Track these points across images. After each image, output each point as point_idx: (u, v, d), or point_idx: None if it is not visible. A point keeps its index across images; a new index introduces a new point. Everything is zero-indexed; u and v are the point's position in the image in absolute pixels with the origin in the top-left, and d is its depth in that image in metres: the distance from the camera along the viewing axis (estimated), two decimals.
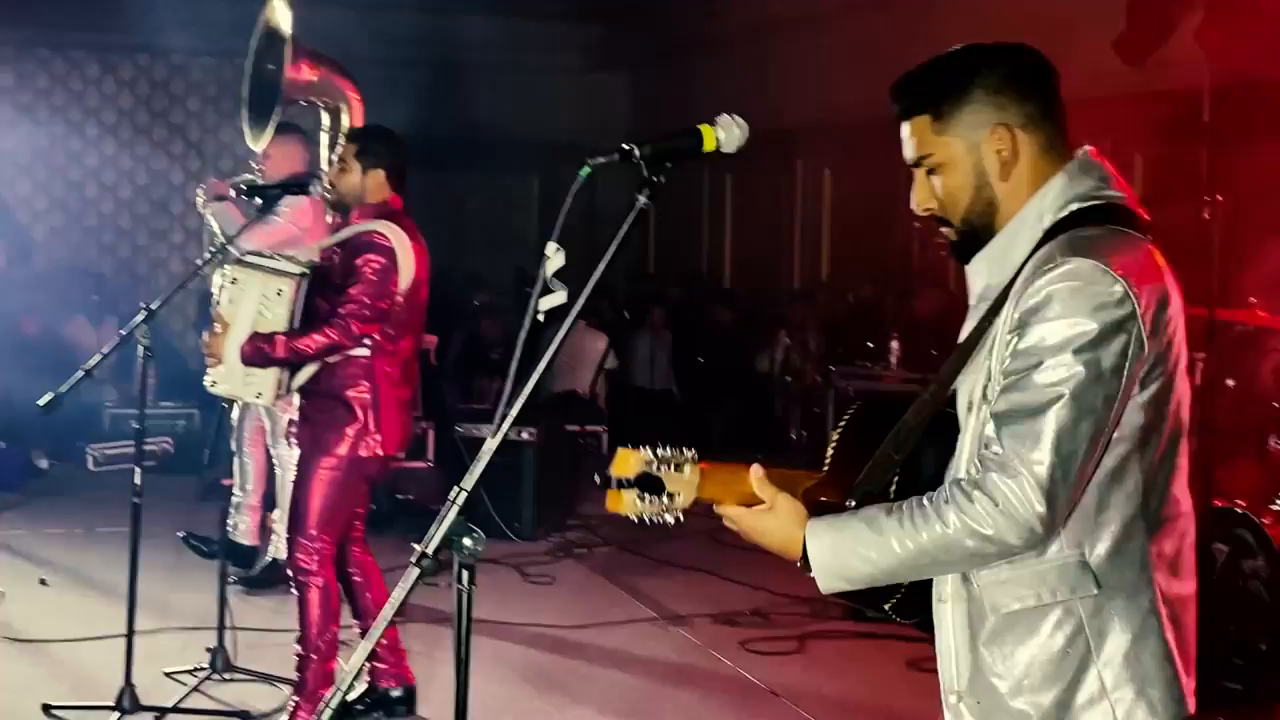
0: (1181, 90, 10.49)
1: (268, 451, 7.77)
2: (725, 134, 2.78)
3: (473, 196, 18.11)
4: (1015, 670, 2.52)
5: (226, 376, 5.48)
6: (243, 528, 7.83)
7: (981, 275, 2.65)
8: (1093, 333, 2.39)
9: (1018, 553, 2.45)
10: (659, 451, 2.73)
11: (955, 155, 2.60)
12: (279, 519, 7.73)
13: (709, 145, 2.78)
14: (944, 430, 2.65)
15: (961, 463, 2.60)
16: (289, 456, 7.53)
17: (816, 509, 2.59)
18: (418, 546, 2.69)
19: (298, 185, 5.85)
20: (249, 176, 7.48)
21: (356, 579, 5.77)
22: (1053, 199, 2.58)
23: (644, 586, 8.26)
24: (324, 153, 7.81)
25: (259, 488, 7.93)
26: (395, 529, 8.63)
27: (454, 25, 15.51)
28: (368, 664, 5.85)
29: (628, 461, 2.73)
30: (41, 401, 5.29)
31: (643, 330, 14.36)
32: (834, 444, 2.77)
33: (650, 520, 2.71)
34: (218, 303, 5.54)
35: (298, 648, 5.50)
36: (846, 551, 2.51)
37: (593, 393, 12.82)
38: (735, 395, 14.12)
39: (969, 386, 2.60)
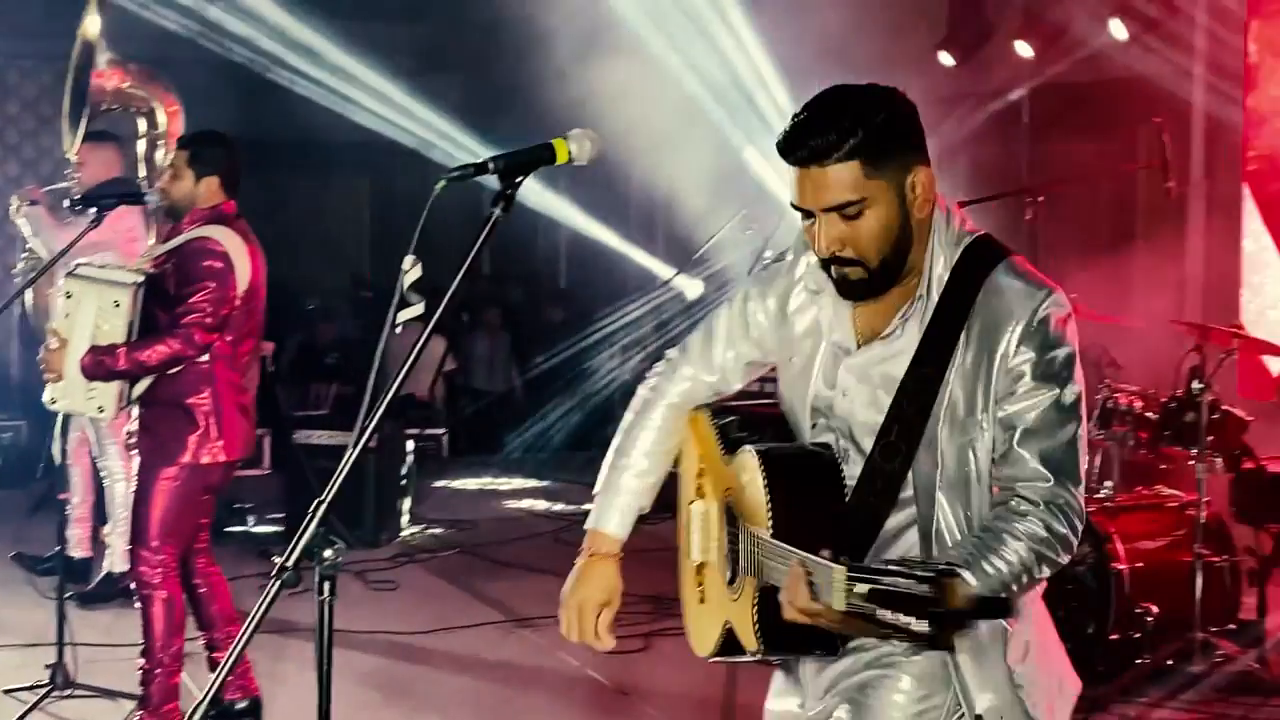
0: (1002, 93, 10.82)
1: (94, 462, 7.65)
2: (578, 146, 2.85)
3: (302, 200, 17.89)
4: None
5: (67, 392, 5.40)
6: (73, 540, 7.70)
7: (873, 308, 2.79)
8: (1075, 353, 2.71)
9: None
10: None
11: (885, 197, 2.66)
12: (109, 532, 7.63)
13: (562, 158, 2.84)
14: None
15: (950, 466, 2.72)
16: (116, 468, 7.44)
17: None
18: (278, 559, 2.70)
19: (132, 195, 5.77)
20: (64, 184, 7.40)
21: (201, 590, 5.70)
22: (946, 234, 2.76)
23: (489, 589, 8.27)
24: (140, 158, 7.75)
25: (86, 499, 7.81)
26: (234, 538, 8.55)
27: (281, 25, 15.33)
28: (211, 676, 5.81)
29: None
30: None
31: (480, 331, 14.36)
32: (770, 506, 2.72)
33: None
34: (53, 318, 5.46)
35: (142, 661, 5.44)
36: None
37: (432, 395, 12.80)
38: (574, 395, 14.18)
39: (949, 412, 2.71)
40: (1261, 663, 6.47)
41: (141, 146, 7.83)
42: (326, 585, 2.75)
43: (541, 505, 10.92)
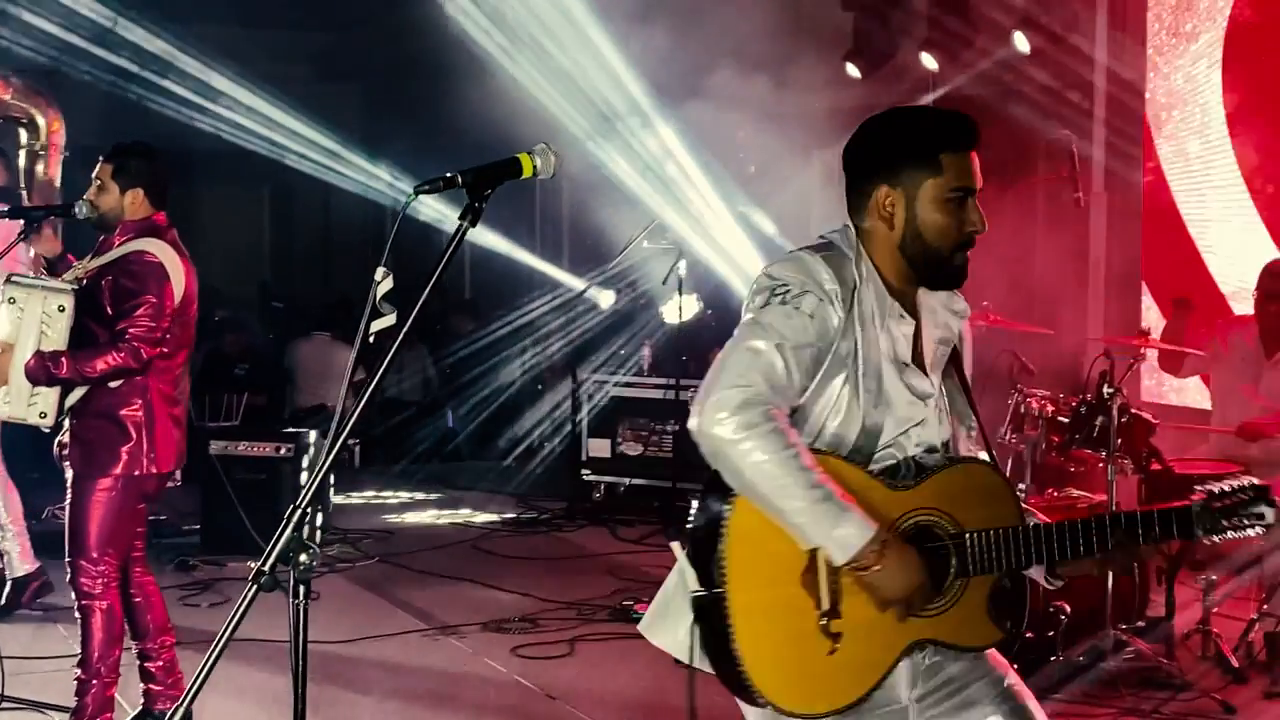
0: (907, 104, 10.99)
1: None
2: (541, 161, 2.94)
3: (203, 209, 17.72)
4: None
5: (10, 398, 5.37)
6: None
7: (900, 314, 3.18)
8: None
9: None
10: None
11: None
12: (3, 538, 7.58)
13: (527, 172, 2.93)
14: None
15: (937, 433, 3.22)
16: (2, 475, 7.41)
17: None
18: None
19: (61, 208, 5.76)
20: None
21: (137, 599, 5.69)
22: None
23: (410, 598, 8.28)
24: (20, 170, 7.70)
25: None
26: (151, 549, 8.47)
27: (179, 33, 15.16)
28: (142, 686, 5.81)
29: None
30: None
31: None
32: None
33: None
34: None
35: (79, 672, 5.42)
36: None
37: (342, 406, 12.73)
38: (484, 404, 14.23)
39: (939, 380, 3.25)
40: (1170, 658, 6.66)
41: (22, 158, 7.78)
42: (302, 589, 2.81)
43: (460, 514, 10.93)
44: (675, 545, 3.04)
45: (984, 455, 3.30)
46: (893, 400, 3.11)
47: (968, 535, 3.07)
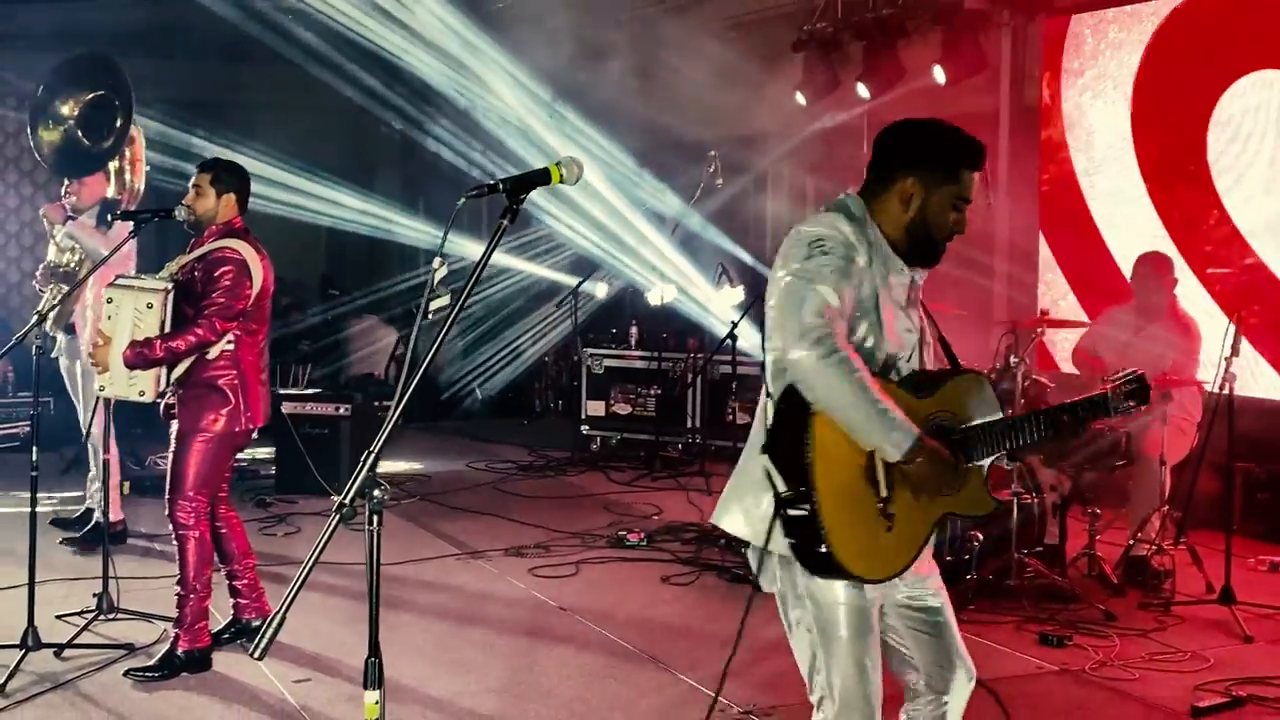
0: (844, 123, 11.01)
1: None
2: (567, 170, 2.93)
3: (273, 220, 17.39)
4: None
5: (113, 381, 5.36)
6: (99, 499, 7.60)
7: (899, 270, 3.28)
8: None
9: None
10: None
11: None
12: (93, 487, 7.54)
13: (555, 180, 2.92)
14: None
15: (918, 356, 3.34)
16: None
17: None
18: (335, 497, 2.75)
19: (165, 210, 5.74)
20: (71, 199, 7.31)
21: (223, 530, 5.71)
22: None
23: (445, 529, 8.28)
24: (114, 178, 7.65)
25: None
26: (234, 489, 8.46)
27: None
28: (231, 600, 5.82)
29: None
30: None
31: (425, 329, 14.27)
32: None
33: None
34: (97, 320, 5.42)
35: (178, 588, 5.43)
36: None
37: (386, 375, 12.75)
38: (502, 373, 14.22)
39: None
40: (1063, 576, 6.71)
41: (114, 167, 7.73)
42: (376, 519, 2.80)
43: (482, 461, 10.92)
44: (765, 458, 3.10)
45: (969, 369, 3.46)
46: (897, 332, 3.24)
47: (975, 428, 3.24)
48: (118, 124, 7.22)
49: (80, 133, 7.38)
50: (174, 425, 5.47)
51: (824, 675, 3.18)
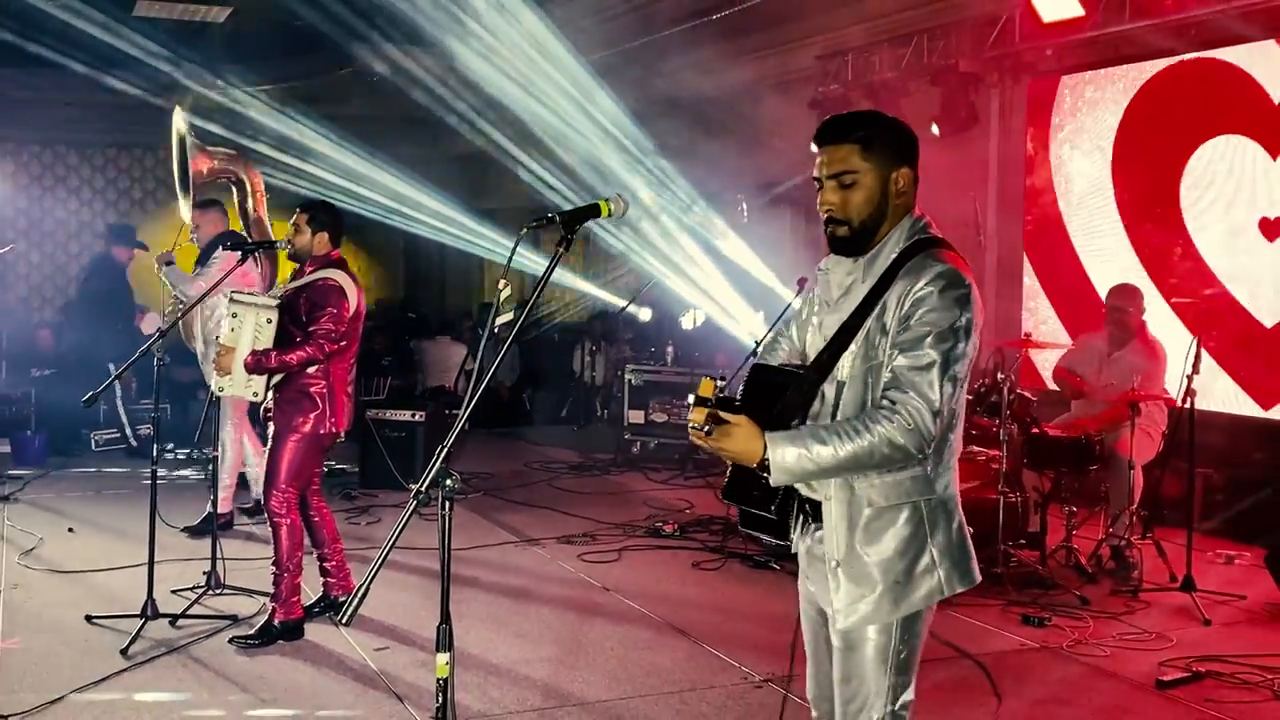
0: None
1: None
2: (615, 206, 2.81)
3: (362, 254, 17.62)
4: (880, 547, 2.63)
5: (233, 383, 5.42)
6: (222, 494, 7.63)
7: (846, 270, 2.74)
8: (959, 318, 2.55)
9: (911, 461, 2.56)
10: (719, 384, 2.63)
11: (870, 179, 2.66)
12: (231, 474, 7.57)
13: (604, 213, 2.82)
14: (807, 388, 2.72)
15: (836, 409, 2.67)
16: (227, 439, 7.38)
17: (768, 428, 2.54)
18: (412, 487, 2.74)
19: (270, 244, 5.79)
20: (193, 235, 7.39)
21: (315, 519, 5.73)
22: (907, 230, 2.71)
23: (506, 519, 8.27)
24: (237, 215, 7.72)
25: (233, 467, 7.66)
26: (324, 483, 8.50)
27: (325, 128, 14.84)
28: (321, 579, 5.84)
29: (708, 386, 2.60)
30: (84, 399, 5.15)
31: (492, 341, 14.30)
32: (739, 399, 2.74)
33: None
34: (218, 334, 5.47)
35: (273, 568, 5.45)
36: (799, 455, 2.50)
37: (455, 387, 12.78)
38: (555, 387, 14.22)
39: (851, 353, 2.66)
40: (1043, 566, 6.65)
41: (236, 204, 7.79)
42: (448, 505, 2.79)
43: (538, 461, 10.92)
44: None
45: None
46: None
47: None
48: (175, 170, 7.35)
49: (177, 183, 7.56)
50: (270, 426, 5.51)
51: (883, 699, 2.69)
